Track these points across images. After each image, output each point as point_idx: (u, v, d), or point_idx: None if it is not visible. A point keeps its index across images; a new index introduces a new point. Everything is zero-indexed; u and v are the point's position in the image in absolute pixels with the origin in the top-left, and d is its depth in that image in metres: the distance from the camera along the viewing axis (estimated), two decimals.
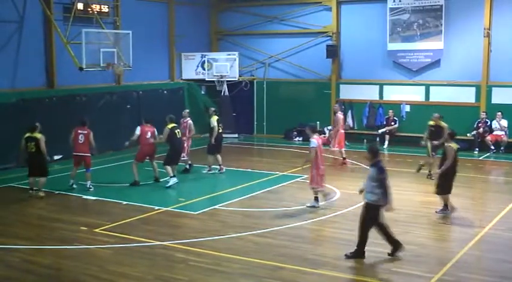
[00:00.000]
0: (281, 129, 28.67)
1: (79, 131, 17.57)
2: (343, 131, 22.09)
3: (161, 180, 18.43)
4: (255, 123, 29.79)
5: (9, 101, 20.72)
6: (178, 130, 18.78)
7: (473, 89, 25.24)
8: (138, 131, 18.34)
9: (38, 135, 16.50)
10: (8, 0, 21.32)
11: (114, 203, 16.22)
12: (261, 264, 11.38)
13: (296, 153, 24.25)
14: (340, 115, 22.27)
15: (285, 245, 12.58)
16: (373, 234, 13.13)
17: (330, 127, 26.47)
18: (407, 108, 26.03)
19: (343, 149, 21.88)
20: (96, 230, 13.58)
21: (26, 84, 21.85)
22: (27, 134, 16.55)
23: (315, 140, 15.22)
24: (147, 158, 18.69)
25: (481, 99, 25.08)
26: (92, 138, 17.61)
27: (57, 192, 17.32)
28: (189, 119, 20.49)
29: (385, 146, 25.31)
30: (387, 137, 25.54)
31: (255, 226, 13.88)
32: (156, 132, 18.54)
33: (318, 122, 27.19)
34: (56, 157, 21.25)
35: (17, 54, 21.68)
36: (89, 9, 23.22)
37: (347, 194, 16.71)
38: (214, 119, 20.17)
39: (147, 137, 18.32)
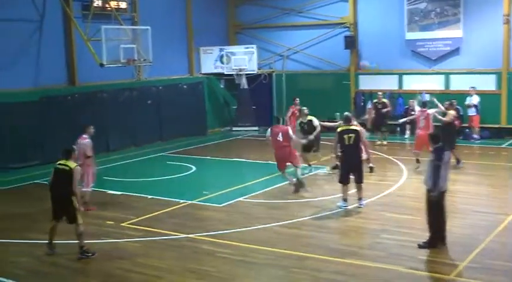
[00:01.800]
0: None
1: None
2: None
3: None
4: (274, 115, 29.78)
5: (32, 99, 20.93)
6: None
7: (494, 76, 25.08)
8: (268, 133, 16.68)
9: (72, 165, 11.79)
10: (28, 0, 21.52)
11: (139, 197, 16.38)
12: (287, 255, 11.46)
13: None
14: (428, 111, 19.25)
15: (311, 236, 12.68)
16: (397, 222, 13.20)
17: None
18: (427, 97, 25.93)
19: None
20: (123, 224, 13.75)
21: (48, 82, 22.07)
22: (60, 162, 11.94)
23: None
24: (288, 163, 16.56)
25: (501, 87, 24.93)
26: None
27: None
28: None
29: (406, 135, 25.25)
30: (408, 126, 25.45)
31: (280, 217, 13.96)
32: (290, 132, 16.43)
33: (337, 113, 27.27)
34: None
35: (38, 52, 21.90)
36: (107, 6, 23.38)
37: (371, 184, 16.73)
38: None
39: (278, 139, 16.29)
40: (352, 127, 14.65)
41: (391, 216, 13.90)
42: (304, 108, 19.45)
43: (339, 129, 14.60)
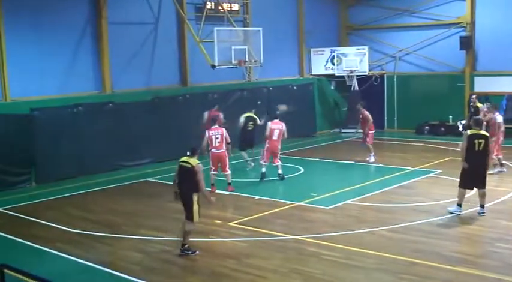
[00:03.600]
0: (412, 123, 28.02)
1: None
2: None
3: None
4: (386, 117, 29.32)
5: (145, 99, 21.57)
6: None
7: None
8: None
9: (194, 163, 11.92)
10: (145, 3, 22.22)
11: (246, 197, 16.49)
12: (395, 260, 11.18)
13: (428, 148, 23.64)
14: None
15: (419, 241, 12.29)
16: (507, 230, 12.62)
17: (464, 121, 25.61)
18: None
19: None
20: (231, 224, 13.88)
21: (161, 83, 22.67)
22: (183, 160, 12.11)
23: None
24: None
25: None
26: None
27: None
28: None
29: None
30: None
31: (388, 221, 13.66)
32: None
33: (450, 116, 26.52)
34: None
35: (153, 54, 22.54)
36: (220, 8, 23.72)
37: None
38: (243, 117, 20.07)
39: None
40: (481, 132, 13.95)
41: (507, 224, 13.31)
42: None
43: (469, 133, 13.93)
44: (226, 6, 23.95)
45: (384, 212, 14.63)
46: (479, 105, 21.33)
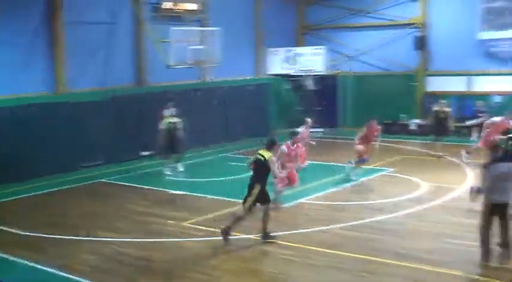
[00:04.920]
0: (366, 122, 28.30)
1: None
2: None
3: None
4: (340, 117, 29.65)
5: (101, 99, 21.28)
6: None
7: None
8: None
9: (267, 155, 12.47)
10: (101, 3, 22.00)
11: (200, 197, 16.52)
12: (349, 258, 11.37)
13: (381, 147, 23.94)
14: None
15: (373, 238, 12.51)
16: (462, 226, 12.89)
17: (416, 121, 26.17)
18: (499, 99, 25.20)
19: None
20: (185, 224, 13.88)
21: (117, 83, 22.40)
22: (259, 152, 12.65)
23: None
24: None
25: None
26: None
27: (147, 187, 17.82)
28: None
29: (473, 138, 24.59)
30: (476, 128, 24.76)
31: (342, 219, 13.85)
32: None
33: (403, 115, 26.98)
34: (144, 153, 21.85)
35: (109, 54, 22.32)
36: (177, 8, 23.65)
37: (433, 186, 16.46)
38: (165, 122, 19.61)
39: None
40: None
41: (457, 220, 13.65)
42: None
43: None
44: (183, 6, 23.88)
45: (337, 211, 14.84)
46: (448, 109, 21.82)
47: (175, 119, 19.71)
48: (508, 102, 24.80)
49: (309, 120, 18.65)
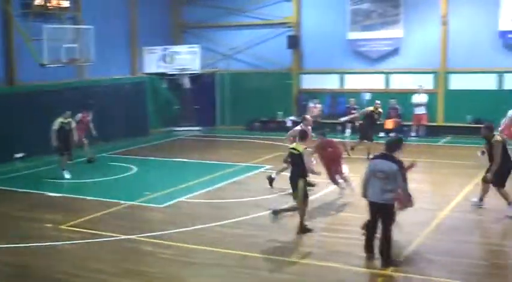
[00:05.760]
0: (244, 120, 28.85)
1: None
2: None
3: None
4: (218, 115, 29.93)
5: None
6: None
7: (432, 76, 25.78)
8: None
9: (300, 148, 12.65)
10: None
11: (79, 199, 16.22)
12: (230, 254, 11.56)
13: (258, 144, 24.45)
14: None
15: (252, 235, 12.77)
16: (337, 220, 13.39)
17: (292, 118, 26.79)
18: (368, 96, 26.36)
19: None
20: (62, 226, 13.57)
21: None
22: (292, 146, 12.97)
23: None
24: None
25: (438, 86, 25.63)
26: None
27: (21, 190, 17.29)
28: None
29: (347, 134, 25.66)
30: (349, 125, 25.84)
31: (221, 216, 14.05)
32: None
33: (280, 112, 27.61)
34: (17, 155, 21.15)
35: None
36: (49, 5, 23.01)
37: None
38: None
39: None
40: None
41: (335, 214, 14.23)
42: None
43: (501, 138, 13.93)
44: (55, 3, 23.26)
45: (217, 208, 15.04)
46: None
47: (68, 119, 19.11)
48: (375, 99, 25.94)
49: (308, 117, 17.23)
